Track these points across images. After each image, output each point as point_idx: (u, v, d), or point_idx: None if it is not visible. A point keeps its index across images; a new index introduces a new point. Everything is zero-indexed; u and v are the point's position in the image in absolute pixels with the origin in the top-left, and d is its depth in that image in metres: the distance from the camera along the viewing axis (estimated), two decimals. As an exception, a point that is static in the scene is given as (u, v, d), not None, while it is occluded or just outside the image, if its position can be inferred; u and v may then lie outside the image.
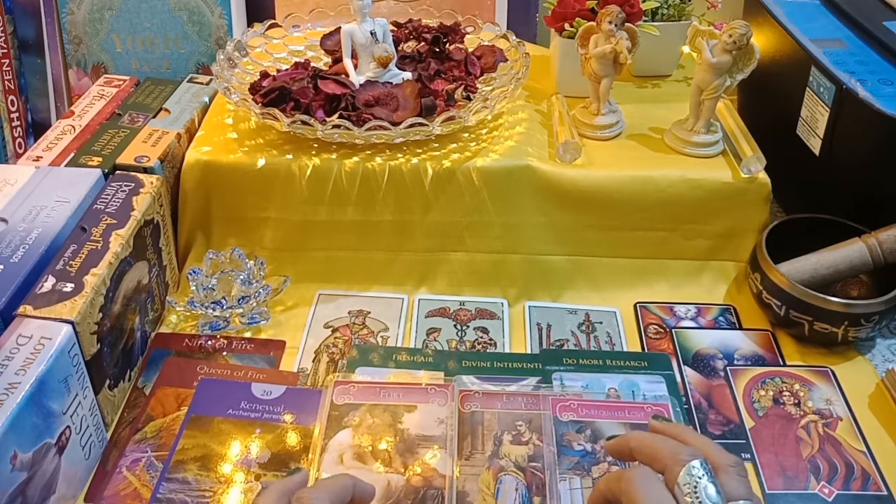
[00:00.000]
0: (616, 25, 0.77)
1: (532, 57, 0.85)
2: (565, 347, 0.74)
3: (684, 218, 0.79)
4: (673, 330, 0.76)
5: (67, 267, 0.62)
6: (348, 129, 0.73)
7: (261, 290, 0.74)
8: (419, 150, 0.78)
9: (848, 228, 0.76)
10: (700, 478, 0.44)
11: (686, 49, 0.93)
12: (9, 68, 0.97)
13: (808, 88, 0.79)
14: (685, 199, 0.78)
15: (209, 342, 0.73)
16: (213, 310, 0.73)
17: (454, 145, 0.79)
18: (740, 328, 0.77)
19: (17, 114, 0.99)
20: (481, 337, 0.75)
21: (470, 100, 0.81)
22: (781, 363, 0.72)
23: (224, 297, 0.74)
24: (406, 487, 0.59)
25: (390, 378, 0.68)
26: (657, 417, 0.53)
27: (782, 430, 0.66)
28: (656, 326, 0.77)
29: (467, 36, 0.92)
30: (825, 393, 0.69)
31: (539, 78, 0.92)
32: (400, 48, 0.89)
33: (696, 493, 0.44)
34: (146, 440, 0.63)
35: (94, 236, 0.65)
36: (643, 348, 0.74)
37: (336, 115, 0.75)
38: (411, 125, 0.74)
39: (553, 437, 0.62)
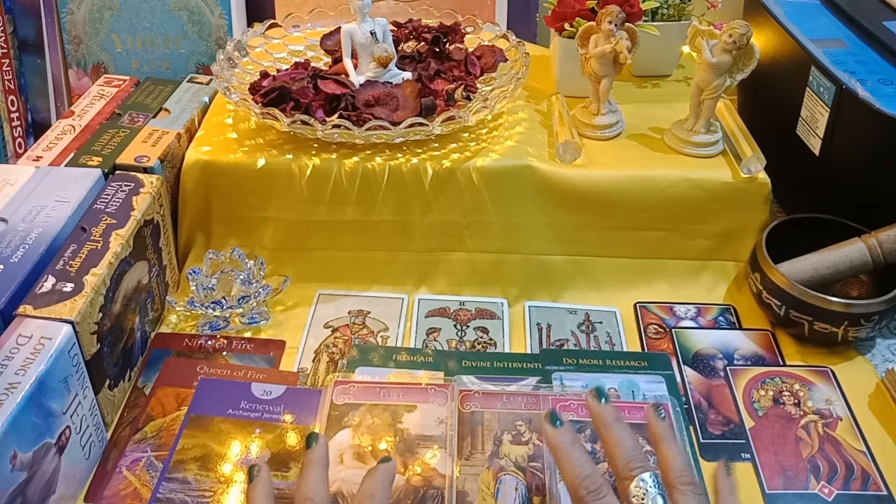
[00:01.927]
0: (616, 25, 0.77)
1: (532, 57, 0.85)
2: (565, 347, 0.74)
3: (684, 218, 0.79)
4: (673, 330, 0.76)
5: (67, 267, 0.62)
6: (348, 129, 0.73)
7: (261, 290, 0.74)
8: (419, 150, 0.78)
9: (848, 228, 0.76)
10: (647, 492, 0.46)
11: (686, 49, 0.93)
12: (9, 68, 0.97)
13: (808, 88, 0.79)
14: (685, 199, 0.78)
15: (209, 342, 0.73)
16: (213, 310, 0.73)
17: (454, 145, 0.79)
18: (740, 328, 0.77)
19: (17, 114, 0.99)
20: (481, 337, 0.75)
21: (470, 100, 0.81)
22: (781, 363, 0.73)
23: (224, 297, 0.74)
24: (406, 487, 0.59)
25: (390, 378, 0.68)
26: (598, 392, 0.53)
27: (782, 430, 0.66)
28: (656, 326, 0.77)
29: (467, 36, 0.92)
30: (825, 393, 0.69)
31: (539, 78, 0.92)
32: (400, 48, 0.89)
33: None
34: (146, 440, 0.63)
35: (94, 236, 0.65)
36: (643, 348, 0.74)
37: (336, 115, 0.75)
38: (411, 125, 0.74)
39: (553, 437, 0.62)
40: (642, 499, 0.46)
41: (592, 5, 0.87)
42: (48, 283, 0.60)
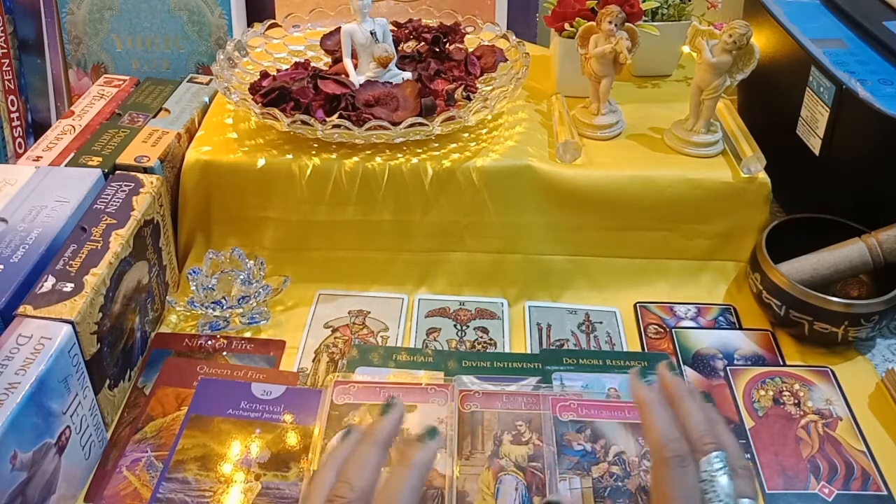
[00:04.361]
0: (616, 25, 0.77)
1: (532, 57, 0.85)
2: (565, 347, 0.74)
3: (684, 218, 0.79)
4: (673, 330, 0.76)
5: (67, 267, 0.62)
6: (348, 129, 0.73)
7: (261, 290, 0.74)
8: (419, 150, 0.78)
9: (848, 228, 0.76)
10: (718, 469, 0.45)
11: (686, 49, 0.93)
12: (9, 68, 0.97)
13: (808, 88, 0.79)
14: (685, 199, 0.78)
15: (209, 342, 0.73)
16: (213, 310, 0.73)
17: (454, 145, 0.79)
18: (740, 328, 0.77)
19: (17, 114, 0.99)
20: (481, 337, 0.75)
21: (470, 100, 0.81)
22: (781, 363, 0.72)
23: (224, 297, 0.74)
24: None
25: (390, 378, 0.68)
26: (670, 366, 0.52)
27: (782, 430, 0.66)
28: (656, 326, 0.77)
29: (467, 36, 0.92)
30: (825, 393, 0.69)
31: (539, 78, 0.92)
32: (400, 48, 0.89)
33: (712, 481, 0.45)
34: (146, 440, 0.63)
35: (94, 236, 0.65)
36: (643, 348, 0.74)
37: (336, 115, 0.75)
38: (411, 125, 0.74)
39: (553, 437, 0.62)
40: (712, 476, 0.45)
41: (592, 5, 0.87)
42: (48, 283, 0.60)
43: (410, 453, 0.47)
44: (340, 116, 0.75)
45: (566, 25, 0.88)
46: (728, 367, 0.72)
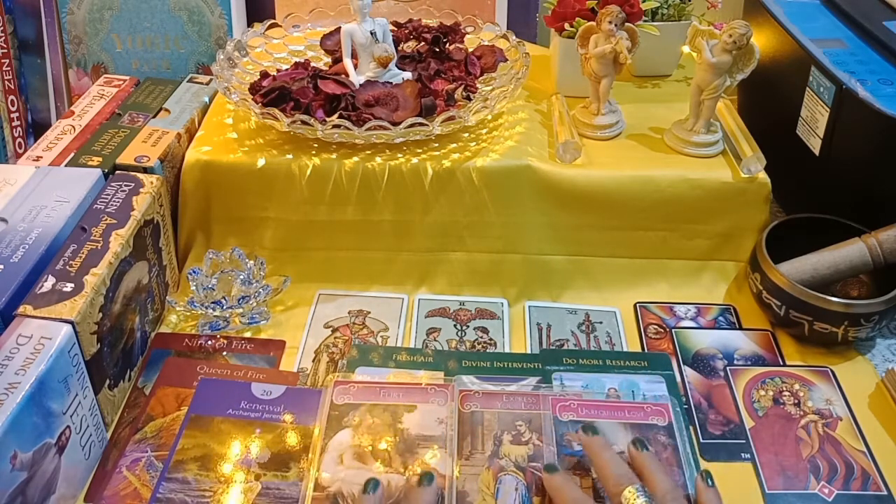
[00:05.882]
0: (616, 25, 0.77)
1: (532, 57, 0.85)
2: (565, 347, 0.74)
3: (684, 218, 0.79)
4: (673, 330, 0.76)
5: (67, 267, 0.62)
6: (348, 129, 0.73)
7: (261, 290, 0.74)
8: (419, 150, 0.78)
9: (848, 228, 0.76)
10: (636, 499, 0.52)
11: (686, 49, 0.93)
12: (9, 68, 0.97)
13: (808, 88, 0.79)
14: (685, 199, 0.78)
15: (209, 342, 0.73)
16: (213, 310, 0.73)
17: (454, 145, 0.79)
18: (740, 328, 0.77)
19: (17, 114, 0.99)
20: (481, 337, 0.75)
21: (470, 100, 0.81)
22: (781, 363, 0.73)
23: (224, 297, 0.74)
24: (406, 487, 0.59)
25: (390, 378, 0.68)
26: (588, 428, 0.60)
27: (782, 430, 0.66)
28: (656, 326, 0.77)
29: (467, 36, 0.92)
30: (825, 393, 0.69)
31: (539, 78, 0.92)
32: (400, 48, 0.89)
33: None
34: (146, 440, 0.63)
35: (94, 236, 0.65)
36: (643, 348, 0.74)
37: (336, 115, 0.75)
38: (411, 125, 0.74)
39: (553, 437, 0.62)
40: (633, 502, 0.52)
41: (592, 5, 0.87)
42: (48, 283, 0.60)
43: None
44: (340, 116, 0.75)
45: (566, 25, 0.88)
46: (728, 367, 0.72)
